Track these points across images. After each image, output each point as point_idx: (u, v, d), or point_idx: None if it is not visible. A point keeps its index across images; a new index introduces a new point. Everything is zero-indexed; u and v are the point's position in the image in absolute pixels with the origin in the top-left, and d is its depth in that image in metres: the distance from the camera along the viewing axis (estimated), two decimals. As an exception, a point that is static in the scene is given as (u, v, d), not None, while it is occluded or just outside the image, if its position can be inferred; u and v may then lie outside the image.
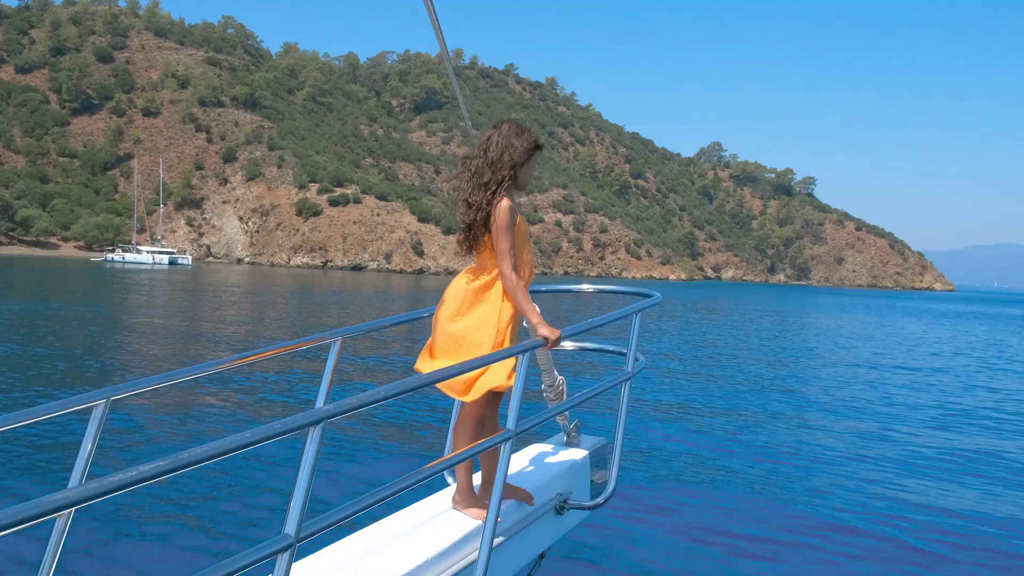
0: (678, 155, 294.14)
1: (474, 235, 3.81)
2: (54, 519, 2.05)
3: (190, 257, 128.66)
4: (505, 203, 3.75)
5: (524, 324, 3.90)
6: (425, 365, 3.87)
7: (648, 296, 4.65)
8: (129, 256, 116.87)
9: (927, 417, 17.14)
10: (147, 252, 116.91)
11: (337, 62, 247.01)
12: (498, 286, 3.81)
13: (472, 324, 3.77)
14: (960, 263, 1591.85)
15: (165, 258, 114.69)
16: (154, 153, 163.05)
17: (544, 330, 3.71)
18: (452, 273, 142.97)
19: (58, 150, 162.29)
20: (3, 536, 1.65)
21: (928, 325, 56.91)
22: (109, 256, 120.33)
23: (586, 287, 5.47)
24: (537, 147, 3.92)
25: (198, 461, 2.01)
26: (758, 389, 20.16)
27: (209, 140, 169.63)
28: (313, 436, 2.37)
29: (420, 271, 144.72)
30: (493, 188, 3.78)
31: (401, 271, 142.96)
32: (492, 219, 3.74)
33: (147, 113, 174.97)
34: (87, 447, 2.95)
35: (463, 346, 3.76)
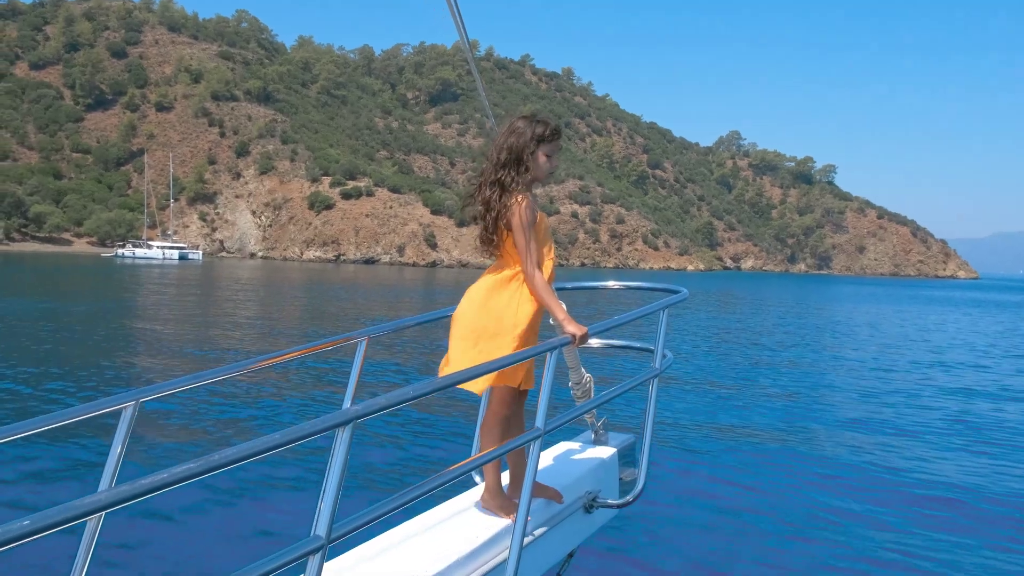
0: (696, 144, 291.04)
1: (492, 234, 3.78)
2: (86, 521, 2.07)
3: (200, 252, 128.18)
4: (525, 201, 3.71)
5: (551, 322, 3.86)
6: (447, 364, 3.89)
7: (675, 292, 4.57)
8: (139, 251, 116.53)
9: (963, 416, 16.27)
10: (157, 247, 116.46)
11: (352, 55, 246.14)
12: (519, 281, 3.77)
13: (492, 312, 3.73)
14: (984, 250, 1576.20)
15: (175, 253, 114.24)
16: (167, 148, 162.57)
17: (571, 327, 3.69)
18: (466, 266, 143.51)
19: (71, 146, 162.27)
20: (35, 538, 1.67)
21: (954, 315, 54.94)
22: (119, 252, 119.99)
23: (612, 284, 5.35)
24: (542, 140, 3.81)
25: (229, 463, 2.02)
26: (785, 384, 19.79)
27: (222, 134, 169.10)
28: (343, 437, 2.37)
29: (433, 264, 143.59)
30: (498, 189, 3.76)
31: (414, 264, 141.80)
32: (513, 217, 3.70)
33: (160, 108, 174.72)
34: (117, 449, 2.96)
35: (483, 334, 3.72)
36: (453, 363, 3.79)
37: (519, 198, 3.70)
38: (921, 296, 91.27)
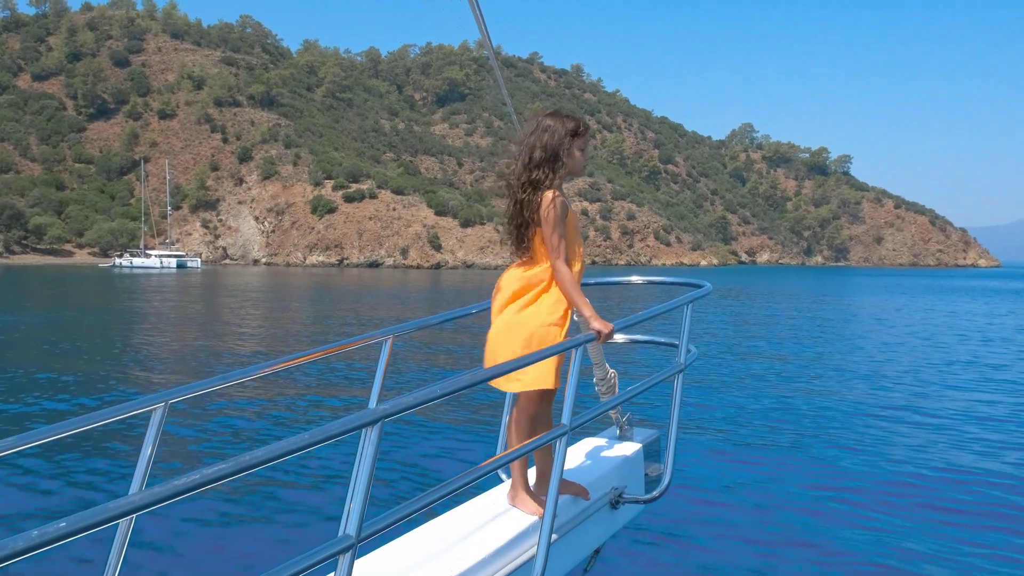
0: (709, 138, 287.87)
1: (523, 233, 3.81)
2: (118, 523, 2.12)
3: (199, 259, 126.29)
4: (557, 197, 3.75)
5: (575, 318, 3.89)
6: (487, 359, 3.94)
7: (699, 286, 4.63)
8: (137, 261, 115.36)
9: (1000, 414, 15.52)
10: (155, 256, 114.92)
11: (359, 58, 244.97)
12: (549, 279, 3.79)
13: (525, 315, 3.75)
14: (1006, 238, 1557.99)
15: (173, 261, 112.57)
16: (170, 155, 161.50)
17: (597, 324, 3.71)
18: (471, 266, 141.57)
19: (74, 156, 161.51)
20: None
21: (970, 306, 52.07)
22: (117, 261, 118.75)
23: (636, 278, 5.38)
24: (575, 134, 3.86)
25: (260, 463, 2.04)
26: (810, 378, 19.57)
27: (225, 140, 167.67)
28: (370, 436, 2.39)
29: (437, 266, 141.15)
30: (530, 190, 3.78)
31: (418, 266, 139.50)
32: (544, 212, 3.72)
33: (163, 115, 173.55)
34: (147, 450, 3.00)
35: (515, 336, 3.74)
36: (491, 355, 3.80)
37: (551, 194, 3.71)
38: (937, 286, 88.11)
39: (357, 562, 2.75)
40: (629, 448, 4.56)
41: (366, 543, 2.39)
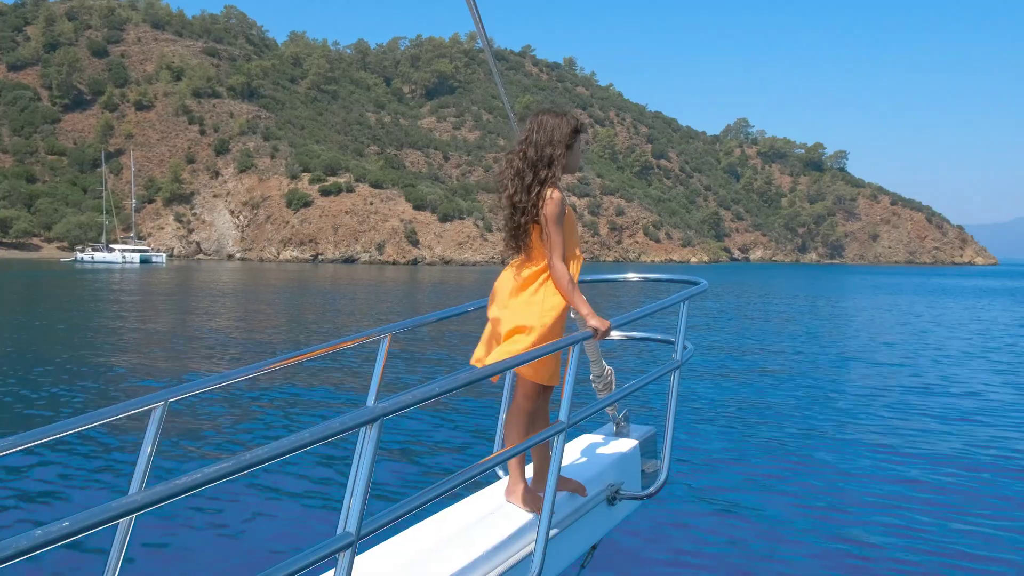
0: (703, 133, 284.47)
1: (522, 232, 3.81)
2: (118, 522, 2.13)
3: (164, 255, 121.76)
4: (556, 194, 3.76)
5: (572, 315, 3.91)
6: (480, 357, 3.97)
7: (695, 283, 4.65)
8: (98, 255, 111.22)
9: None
10: (118, 251, 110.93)
11: (348, 50, 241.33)
12: (545, 276, 3.80)
13: (518, 309, 3.78)
14: (1005, 236, 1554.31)
15: (136, 257, 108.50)
16: (146, 148, 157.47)
17: (594, 321, 3.74)
18: (448, 263, 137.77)
19: (47, 148, 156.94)
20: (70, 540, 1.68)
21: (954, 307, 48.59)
22: (80, 256, 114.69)
23: (632, 275, 5.41)
24: (576, 131, 3.90)
25: (261, 462, 2.05)
26: (805, 375, 19.61)
27: (202, 132, 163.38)
28: (370, 434, 2.41)
29: (414, 262, 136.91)
30: (537, 188, 3.78)
31: (394, 262, 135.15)
32: (545, 210, 3.73)
33: (140, 107, 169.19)
34: (147, 449, 3.01)
35: (509, 328, 3.78)
36: (485, 360, 3.82)
37: (551, 192, 3.70)
38: (930, 286, 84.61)
39: (357, 559, 2.74)
40: (626, 445, 4.56)
41: (365, 540, 2.39)
